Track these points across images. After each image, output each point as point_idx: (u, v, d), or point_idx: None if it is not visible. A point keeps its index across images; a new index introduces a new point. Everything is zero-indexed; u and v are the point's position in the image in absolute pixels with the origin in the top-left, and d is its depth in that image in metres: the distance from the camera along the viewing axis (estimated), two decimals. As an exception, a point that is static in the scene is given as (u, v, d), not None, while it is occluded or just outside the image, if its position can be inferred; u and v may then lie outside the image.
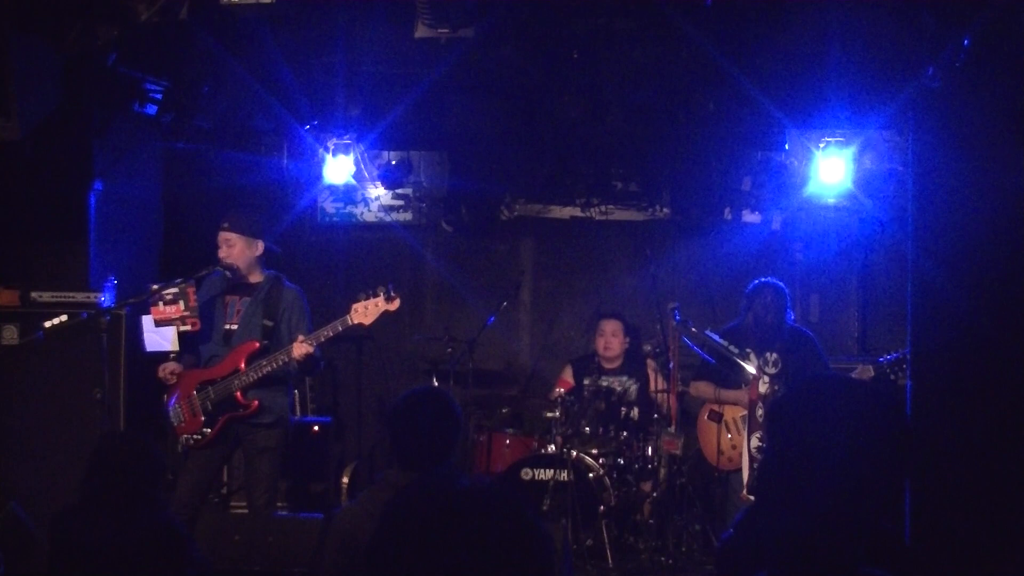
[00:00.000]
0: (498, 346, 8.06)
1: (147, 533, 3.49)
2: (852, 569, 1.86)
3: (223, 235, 5.68)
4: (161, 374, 5.67)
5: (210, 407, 5.54)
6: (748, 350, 6.21)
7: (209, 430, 5.53)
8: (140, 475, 3.60)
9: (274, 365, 5.48)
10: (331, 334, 5.51)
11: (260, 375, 5.49)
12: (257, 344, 5.56)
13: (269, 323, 5.63)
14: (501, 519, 1.65)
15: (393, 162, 7.81)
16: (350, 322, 5.49)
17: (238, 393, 5.50)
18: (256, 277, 5.75)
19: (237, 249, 5.66)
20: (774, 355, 6.15)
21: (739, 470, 6.23)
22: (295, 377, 5.91)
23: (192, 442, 5.54)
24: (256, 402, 5.52)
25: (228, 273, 5.69)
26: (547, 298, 8.31)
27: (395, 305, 5.53)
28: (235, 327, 5.65)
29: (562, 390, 7.07)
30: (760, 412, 5.98)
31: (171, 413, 5.63)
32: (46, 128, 5.70)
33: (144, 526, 3.50)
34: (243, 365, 5.52)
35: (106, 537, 3.45)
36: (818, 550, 1.87)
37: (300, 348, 5.44)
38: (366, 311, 5.49)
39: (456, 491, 1.69)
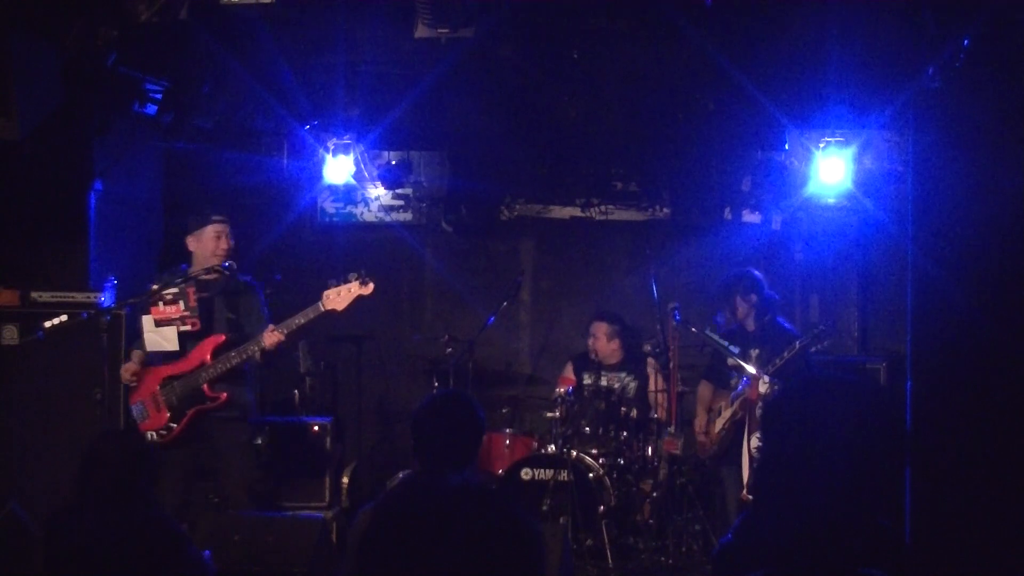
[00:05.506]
0: (498, 346, 8.06)
1: (142, 531, 3.49)
2: (850, 569, 1.86)
3: (224, 227, 5.67)
4: (124, 376, 5.64)
5: (175, 401, 5.54)
6: (752, 350, 6.27)
7: (175, 425, 5.53)
8: (133, 473, 3.60)
9: (243, 356, 5.48)
10: (303, 321, 5.49)
11: (229, 367, 5.49)
12: (223, 337, 5.56)
13: (232, 316, 5.63)
14: (490, 516, 1.66)
15: (393, 162, 7.81)
16: (322, 308, 5.48)
17: (205, 386, 5.50)
18: (215, 272, 5.71)
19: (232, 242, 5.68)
20: (756, 351, 6.25)
21: (732, 464, 6.31)
22: (258, 369, 5.90)
23: (158, 438, 5.53)
24: (225, 394, 5.52)
25: (223, 268, 5.65)
26: (547, 298, 8.30)
27: (369, 289, 5.51)
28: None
29: (562, 389, 7.09)
30: (760, 412, 6.02)
31: (134, 410, 5.60)
32: (46, 128, 5.69)
33: (139, 524, 3.50)
34: (209, 358, 5.52)
35: (101, 536, 3.45)
36: (816, 550, 1.87)
37: (272, 337, 5.44)
38: (339, 296, 5.48)
39: (446, 489, 1.70)
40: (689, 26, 5.77)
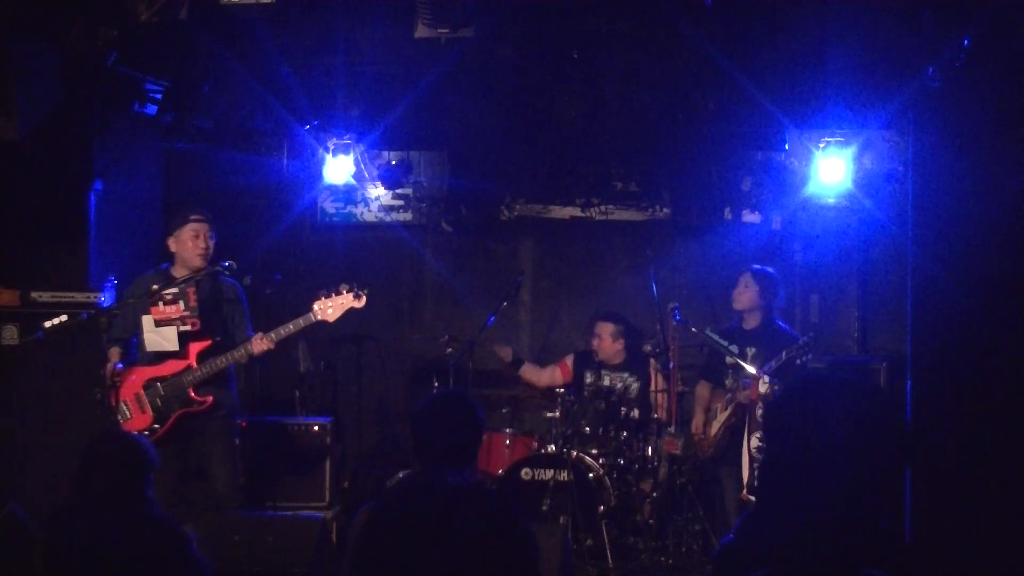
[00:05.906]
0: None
1: (142, 531, 3.49)
2: (851, 569, 1.86)
3: (203, 227, 5.63)
4: (109, 379, 5.63)
5: (159, 403, 5.54)
6: (749, 349, 6.28)
7: (159, 426, 5.53)
8: (133, 473, 3.60)
9: (230, 360, 5.49)
10: (293, 329, 5.50)
11: (215, 371, 5.49)
12: (209, 341, 5.56)
13: (215, 318, 5.64)
14: (485, 516, 1.67)
15: (393, 162, 7.81)
16: (312, 319, 5.49)
17: (191, 390, 5.50)
18: (196, 273, 5.69)
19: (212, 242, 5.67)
20: (752, 350, 6.25)
21: (731, 464, 6.31)
22: (241, 368, 5.93)
23: None
24: (211, 398, 5.53)
25: (223, 267, 5.65)
26: (547, 298, 8.30)
27: (362, 302, 5.51)
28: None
29: (559, 371, 7.14)
30: (760, 412, 6.02)
31: (117, 411, 5.59)
32: (46, 128, 5.70)
33: (139, 524, 3.50)
34: (195, 362, 5.52)
35: (101, 536, 3.45)
36: (817, 550, 1.87)
37: (260, 345, 5.44)
38: (330, 308, 5.47)
39: (444, 488, 1.70)
40: (689, 26, 5.78)
